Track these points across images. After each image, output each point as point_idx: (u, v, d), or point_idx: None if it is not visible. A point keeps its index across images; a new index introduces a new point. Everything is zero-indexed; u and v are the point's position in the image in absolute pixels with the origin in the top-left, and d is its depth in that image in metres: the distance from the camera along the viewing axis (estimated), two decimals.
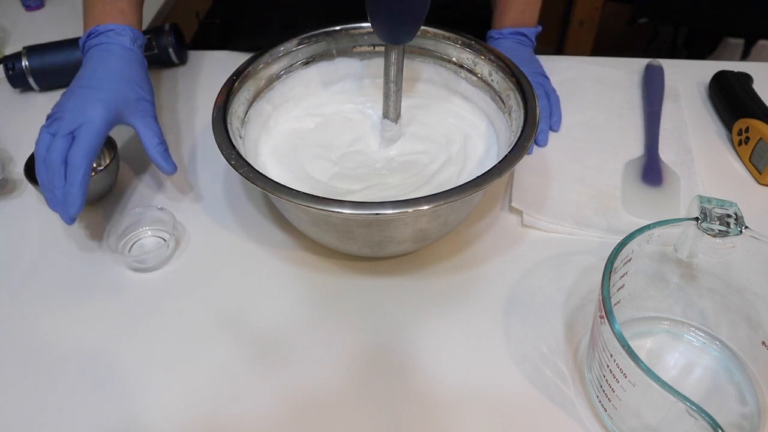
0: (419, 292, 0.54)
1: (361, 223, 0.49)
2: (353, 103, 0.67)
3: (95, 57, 0.60)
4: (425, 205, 0.45)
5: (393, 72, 0.56)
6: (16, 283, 0.56)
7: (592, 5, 1.64)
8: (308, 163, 0.60)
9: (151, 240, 0.60)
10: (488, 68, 0.61)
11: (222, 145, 0.51)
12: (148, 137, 0.58)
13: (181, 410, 0.46)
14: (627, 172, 0.64)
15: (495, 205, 0.62)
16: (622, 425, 0.42)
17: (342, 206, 0.45)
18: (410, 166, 0.60)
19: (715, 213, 0.42)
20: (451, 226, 0.54)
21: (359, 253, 0.55)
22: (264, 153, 0.61)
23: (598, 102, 0.74)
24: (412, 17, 0.51)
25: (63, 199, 0.53)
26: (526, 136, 0.51)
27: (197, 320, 0.52)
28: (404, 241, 0.51)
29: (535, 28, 0.78)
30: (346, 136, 0.64)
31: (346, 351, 0.50)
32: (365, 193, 0.57)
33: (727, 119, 0.70)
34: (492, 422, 0.45)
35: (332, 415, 0.46)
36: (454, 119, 0.64)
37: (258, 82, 0.61)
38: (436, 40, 0.64)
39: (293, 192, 0.46)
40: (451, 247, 0.58)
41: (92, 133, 0.54)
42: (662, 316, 0.49)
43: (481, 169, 0.52)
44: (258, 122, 0.61)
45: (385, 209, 0.44)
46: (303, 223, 0.53)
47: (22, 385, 0.49)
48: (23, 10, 1.00)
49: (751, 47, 1.45)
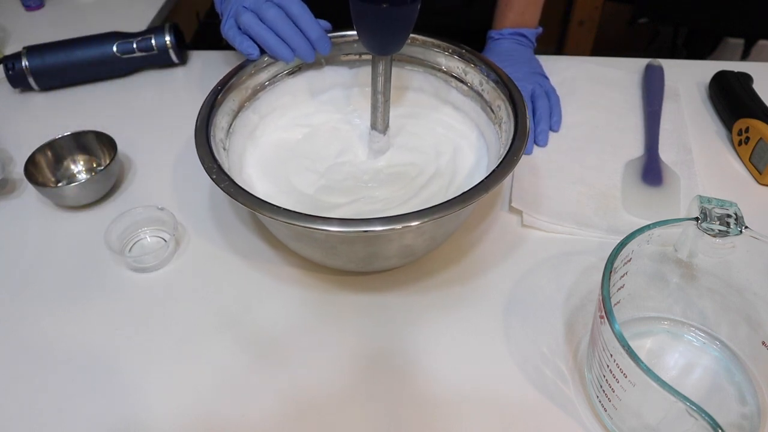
0: (419, 292, 0.54)
1: (344, 240, 0.47)
2: (341, 112, 0.66)
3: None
4: (408, 222, 0.43)
5: (380, 82, 0.55)
6: (16, 283, 0.56)
7: (592, 5, 1.64)
8: (294, 175, 0.59)
9: (151, 240, 0.60)
10: (479, 77, 0.60)
11: (204, 158, 0.50)
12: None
13: (181, 410, 0.46)
14: (627, 172, 0.64)
15: (495, 205, 0.62)
16: (622, 425, 0.42)
17: (323, 223, 0.43)
18: (398, 179, 0.59)
19: (715, 213, 0.42)
20: (438, 241, 0.53)
21: (345, 268, 0.54)
22: (250, 165, 0.60)
23: (598, 102, 0.74)
24: (399, 29, 0.51)
25: (316, 40, 0.58)
26: (515, 150, 0.49)
27: (197, 320, 0.52)
28: (390, 257, 0.51)
29: (535, 29, 0.78)
30: (334, 147, 0.63)
31: (346, 351, 0.50)
32: (351, 207, 0.55)
33: (727, 119, 0.70)
34: (492, 422, 0.45)
35: (333, 415, 0.46)
36: (444, 129, 0.63)
37: (244, 91, 0.60)
38: (425, 48, 0.63)
39: (273, 208, 0.45)
40: (452, 248, 0.58)
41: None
42: (662, 316, 0.49)
43: (471, 181, 0.51)
44: (244, 133, 0.60)
45: (368, 226, 0.43)
46: (286, 238, 0.52)
47: (22, 384, 0.49)
48: (23, 10, 1.00)
49: (751, 47, 1.45)
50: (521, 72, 0.72)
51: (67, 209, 0.63)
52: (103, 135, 0.66)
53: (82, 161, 0.67)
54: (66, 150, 0.66)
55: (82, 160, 0.67)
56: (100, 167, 0.64)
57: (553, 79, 0.75)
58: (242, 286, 0.55)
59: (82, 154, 0.67)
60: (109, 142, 0.64)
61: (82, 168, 0.67)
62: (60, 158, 0.66)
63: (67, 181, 0.66)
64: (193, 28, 1.29)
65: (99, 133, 0.66)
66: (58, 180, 0.66)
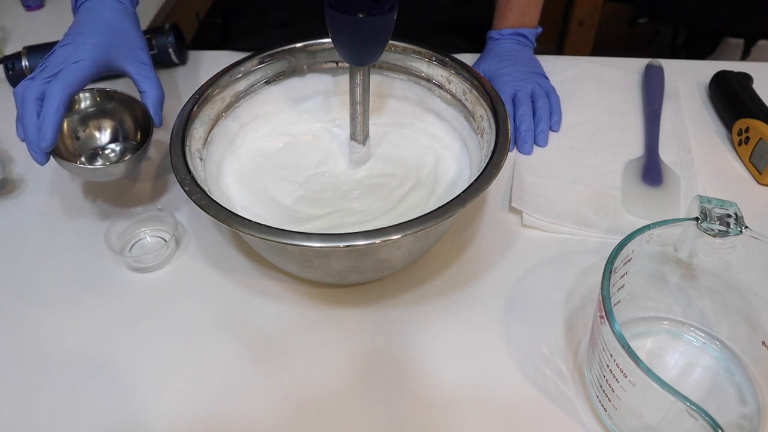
0: (420, 292, 0.54)
1: (318, 254, 0.47)
2: (322, 121, 0.65)
3: (85, 10, 0.58)
4: (375, 238, 0.42)
5: (359, 93, 0.54)
6: (17, 283, 0.56)
7: (592, 5, 1.64)
8: (273, 185, 0.59)
9: (151, 240, 0.60)
10: (462, 87, 0.59)
11: (178, 168, 0.49)
12: (147, 85, 0.56)
13: (181, 410, 0.46)
14: (627, 172, 0.64)
15: (495, 205, 0.62)
16: (622, 425, 0.42)
17: (291, 237, 0.43)
18: (377, 190, 0.58)
19: (715, 213, 0.42)
20: (417, 254, 0.52)
21: (322, 281, 0.54)
22: (228, 174, 0.59)
23: (598, 102, 0.74)
24: (375, 39, 0.50)
25: (35, 132, 0.50)
26: (495, 163, 0.48)
27: (197, 320, 0.52)
28: (366, 270, 0.50)
29: (535, 29, 0.78)
30: (314, 157, 0.62)
31: (347, 351, 0.50)
32: (329, 219, 0.55)
33: (727, 119, 0.70)
34: (492, 422, 0.45)
35: (333, 414, 0.46)
36: (427, 139, 0.62)
37: (222, 100, 0.59)
38: (405, 55, 0.61)
39: (243, 221, 0.44)
40: (451, 248, 0.58)
41: (76, 68, 0.52)
42: (662, 316, 0.49)
43: (451, 192, 0.50)
44: (223, 142, 0.59)
45: (334, 242, 0.42)
46: (261, 251, 0.52)
47: (22, 384, 0.49)
48: (23, 10, 1.00)
49: (751, 47, 1.45)
50: (521, 72, 0.72)
51: (69, 206, 0.63)
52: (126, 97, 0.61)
53: (107, 128, 0.62)
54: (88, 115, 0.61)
55: (108, 127, 0.62)
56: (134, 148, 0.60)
57: (554, 79, 0.75)
58: (243, 286, 0.55)
59: (103, 118, 0.62)
60: (145, 121, 0.59)
61: (107, 134, 0.62)
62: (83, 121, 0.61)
63: (89, 153, 0.62)
64: (193, 28, 1.29)
65: (125, 95, 0.61)
66: (78, 149, 0.61)
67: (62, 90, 0.51)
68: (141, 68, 0.57)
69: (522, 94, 0.70)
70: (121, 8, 0.59)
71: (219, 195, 0.54)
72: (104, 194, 0.64)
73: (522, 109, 0.68)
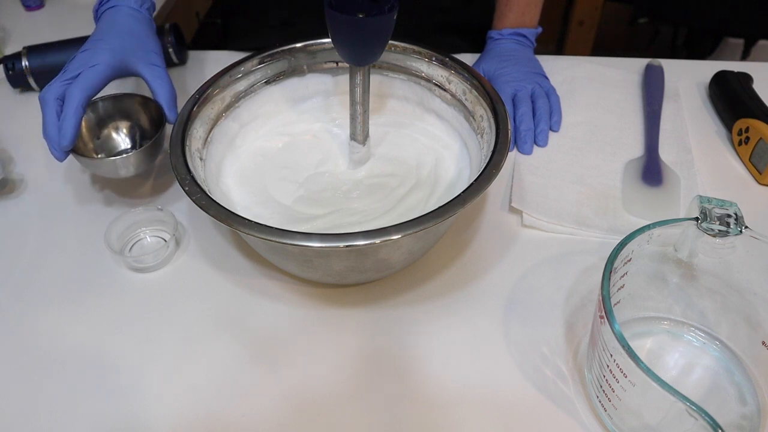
0: (420, 292, 0.54)
1: (318, 254, 0.47)
2: (322, 121, 0.65)
3: (105, 18, 0.63)
4: (375, 238, 0.42)
5: (359, 93, 0.54)
6: (17, 283, 0.56)
7: (592, 5, 1.64)
8: (273, 185, 0.59)
9: (151, 240, 0.60)
10: (462, 87, 0.59)
11: (178, 168, 0.49)
12: (158, 85, 0.60)
13: (181, 410, 0.46)
14: (627, 172, 0.64)
15: (495, 205, 0.62)
16: (622, 425, 0.42)
17: (291, 237, 0.43)
18: (377, 190, 0.58)
19: (715, 213, 0.42)
20: (417, 254, 0.52)
21: (322, 281, 0.54)
22: (228, 174, 0.59)
23: (598, 102, 0.74)
24: (375, 39, 0.50)
25: (56, 132, 0.54)
26: (495, 163, 0.48)
27: (197, 320, 0.52)
28: (366, 270, 0.50)
29: (535, 29, 0.78)
30: (314, 157, 0.62)
31: (346, 351, 0.50)
32: (329, 219, 0.55)
33: (727, 119, 0.70)
34: (492, 422, 0.45)
35: (333, 415, 0.46)
36: (427, 139, 0.62)
37: (222, 100, 0.60)
38: (405, 55, 0.61)
39: (243, 221, 0.44)
40: (451, 248, 0.58)
41: (93, 72, 0.56)
42: (662, 316, 0.49)
43: (451, 193, 0.50)
44: (223, 142, 0.60)
45: (334, 242, 0.42)
46: (261, 251, 0.52)
47: (22, 384, 0.49)
48: (23, 10, 1.00)
49: (751, 47, 1.46)
50: (521, 72, 0.72)
51: (69, 206, 0.63)
52: (142, 97, 0.64)
53: (124, 129, 0.66)
54: (106, 114, 0.64)
55: (124, 128, 0.66)
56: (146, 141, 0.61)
57: (554, 79, 0.75)
58: (243, 286, 0.55)
59: (121, 120, 0.65)
60: (158, 114, 0.61)
61: (125, 135, 0.66)
62: (101, 123, 0.64)
63: (106, 153, 0.64)
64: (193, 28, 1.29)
65: (142, 97, 0.64)
66: (97, 147, 0.64)
67: (80, 92, 0.55)
68: (154, 70, 0.60)
69: (522, 94, 0.70)
70: (138, 15, 0.64)
71: (219, 195, 0.54)
72: (104, 194, 0.64)
73: (522, 109, 0.68)
